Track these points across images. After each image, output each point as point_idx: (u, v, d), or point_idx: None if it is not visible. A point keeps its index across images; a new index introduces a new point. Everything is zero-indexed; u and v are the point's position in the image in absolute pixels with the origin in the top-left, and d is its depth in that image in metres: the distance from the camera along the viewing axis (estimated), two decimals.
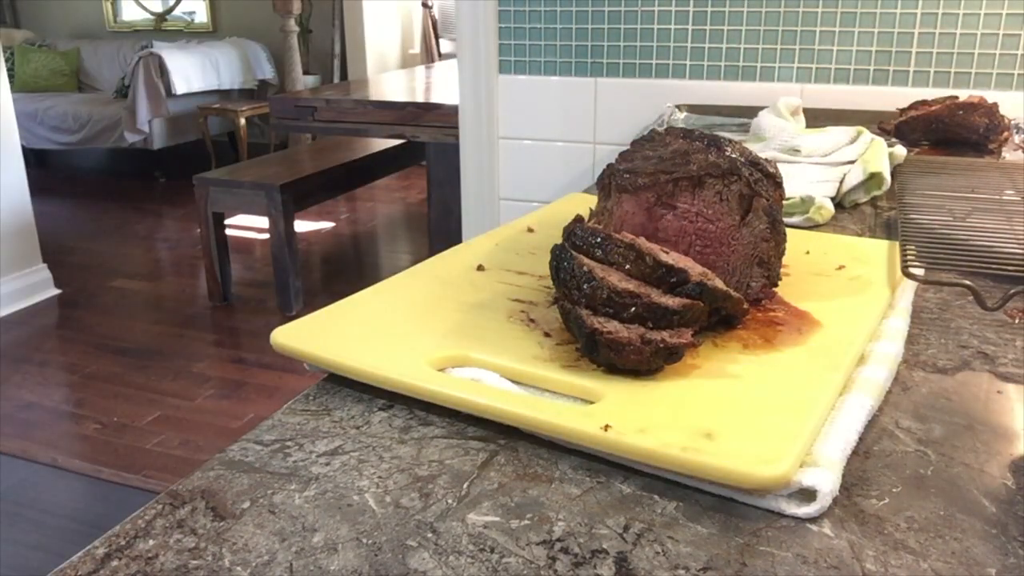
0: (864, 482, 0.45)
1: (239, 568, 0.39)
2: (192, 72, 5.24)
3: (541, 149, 1.84)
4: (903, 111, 1.32)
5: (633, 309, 0.53)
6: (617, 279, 0.55)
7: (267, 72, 5.78)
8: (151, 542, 0.41)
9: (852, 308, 0.62)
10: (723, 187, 0.61)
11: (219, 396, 2.67)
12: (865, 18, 1.54)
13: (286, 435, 0.51)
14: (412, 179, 5.42)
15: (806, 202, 0.91)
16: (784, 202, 0.67)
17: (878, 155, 1.02)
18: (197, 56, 5.33)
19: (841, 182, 0.99)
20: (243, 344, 3.08)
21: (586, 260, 0.55)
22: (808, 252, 0.74)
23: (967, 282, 0.64)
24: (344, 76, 5.67)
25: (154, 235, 4.42)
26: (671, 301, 0.54)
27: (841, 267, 0.71)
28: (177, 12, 6.27)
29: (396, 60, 5.89)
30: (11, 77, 5.60)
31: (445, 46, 5.95)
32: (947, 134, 1.26)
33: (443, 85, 3.18)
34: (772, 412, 0.48)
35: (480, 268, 0.72)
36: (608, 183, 0.66)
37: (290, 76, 5.40)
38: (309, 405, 0.54)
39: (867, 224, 0.93)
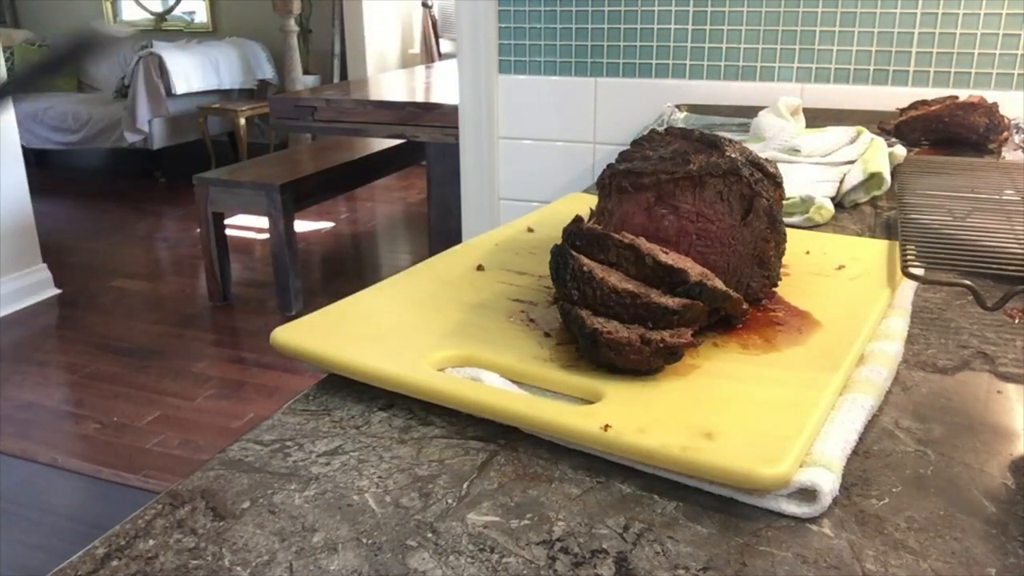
0: (864, 482, 0.45)
1: (239, 568, 0.39)
2: (192, 72, 5.24)
3: (541, 149, 1.84)
4: (903, 111, 1.33)
5: (633, 309, 0.53)
6: (617, 279, 0.55)
7: (267, 72, 5.77)
8: (151, 542, 0.41)
9: (852, 308, 0.62)
10: (723, 187, 0.61)
11: (219, 396, 2.67)
12: (865, 18, 1.53)
13: (286, 435, 0.51)
14: (412, 179, 5.42)
15: (806, 202, 0.91)
16: (784, 202, 0.67)
17: (878, 155, 1.02)
18: (197, 56, 5.33)
19: (841, 182, 0.99)
20: (243, 344, 3.08)
21: (586, 260, 0.55)
22: (808, 252, 0.74)
23: (967, 282, 0.64)
24: (344, 76, 5.67)
25: (154, 235, 4.42)
26: (671, 301, 0.54)
27: (841, 267, 0.71)
28: (177, 12, 6.27)
29: (396, 60, 5.88)
30: None
31: (445, 46, 5.95)
32: (947, 134, 1.26)
33: (443, 85, 3.18)
34: (772, 412, 0.48)
35: (480, 268, 0.72)
36: (608, 183, 0.66)
37: (290, 76, 5.40)
38: (309, 405, 0.54)
39: (867, 224, 0.93)
